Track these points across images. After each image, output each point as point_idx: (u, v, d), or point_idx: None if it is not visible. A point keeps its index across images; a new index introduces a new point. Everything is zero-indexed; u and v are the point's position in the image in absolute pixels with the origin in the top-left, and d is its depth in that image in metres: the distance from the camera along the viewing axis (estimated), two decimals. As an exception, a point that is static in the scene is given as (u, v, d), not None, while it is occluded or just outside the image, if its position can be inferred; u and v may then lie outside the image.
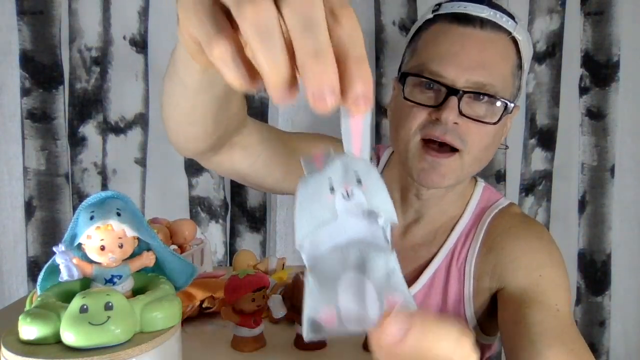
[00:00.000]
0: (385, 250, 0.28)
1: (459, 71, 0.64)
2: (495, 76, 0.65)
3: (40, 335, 0.36)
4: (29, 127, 1.09)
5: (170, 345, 0.39)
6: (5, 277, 1.12)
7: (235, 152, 0.64)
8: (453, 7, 0.68)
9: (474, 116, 0.65)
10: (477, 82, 0.64)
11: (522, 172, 1.14)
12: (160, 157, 1.12)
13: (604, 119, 1.12)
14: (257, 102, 1.12)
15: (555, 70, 1.11)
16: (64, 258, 0.40)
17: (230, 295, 0.50)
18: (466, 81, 0.64)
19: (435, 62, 0.65)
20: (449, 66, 0.64)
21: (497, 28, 0.67)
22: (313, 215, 0.27)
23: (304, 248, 0.28)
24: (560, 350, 0.59)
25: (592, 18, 1.10)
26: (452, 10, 0.68)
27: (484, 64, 0.65)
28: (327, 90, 0.24)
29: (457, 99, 0.63)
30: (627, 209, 1.14)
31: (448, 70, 0.64)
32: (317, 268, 0.28)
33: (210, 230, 1.14)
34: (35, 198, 1.11)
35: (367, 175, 0.28)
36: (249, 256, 0.73)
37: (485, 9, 0.66)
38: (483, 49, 0.65)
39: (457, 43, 0.65)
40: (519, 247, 0.69)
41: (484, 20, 0.66)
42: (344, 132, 0.27)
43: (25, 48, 1.07)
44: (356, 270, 0.27)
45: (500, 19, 0.67)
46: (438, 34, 0.68)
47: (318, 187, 0.27)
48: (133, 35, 1.09)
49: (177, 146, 0.61)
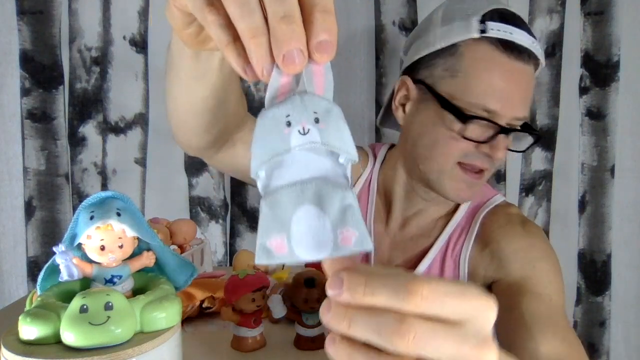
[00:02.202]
0: (344, 187, 0.29)
1: (510, 109, 0.65)
2: (529, 106, 0.68)
3: (40, 335, 0.36)
4: (29, 127, 1.09)
5: (170, 345, 0.39)
6: (5, 277, 1.12)
7: (237, 148, 0.65)
8: (500, 30, 0.66)
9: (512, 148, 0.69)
10: (521, 118, 0.67)
11: (522, 172, 1.14)
12: (160, 157, 1.12)
13: (604, 119, 1.12)
14: (257, 102, 1.12)
15: (555, 70, 1.11)
16: (64, 258, 0.40)
17: (230, 295, 0.50)
18: (512, 118, 0.66)
19: (493, 98, 0.65)
20: (504, 106, 0.65)
21: (535, 59, 0.68)
22: (267, 146, 0.28)
23: (259, 178, 0.29)
24: (552, 337, 0.61)
25: (592, 18, 1.10)
26: (500, 36, 0.66)
27: (525, 97, 0.67)
28: (296, 52, 0.26)
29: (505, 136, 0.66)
30: (627, 209, 1.14)
31: (503, 108, 0.65)
32: (272, 198, 0.29)
33: (210, 230, 1.14)
34: (35, 198, 1.11)
35: (327, 115, 0.29)
36: (249, 256, 0.73)
37: (529, 39, 0.66)
38: (527, 83, 0.67)
39: (512, 81, 0.65)
40: (515, 242, 0.71)
41: (530, 53, 0.66)
42: (306, 75, 0.28)
43: (25, 48, 1.07)
44: (312, 204, 0.28)
45: (536, 48, 0.67)
46: (490, 63, 0.66)
47: (275, 120, 0.28)
48: (133, 35, 1.09)
49: (181, 141, 0.62)
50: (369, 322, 0.27)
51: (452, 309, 0.27)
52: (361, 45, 1.11)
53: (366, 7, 1.10)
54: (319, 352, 0.51)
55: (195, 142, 0.61)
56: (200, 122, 0.55)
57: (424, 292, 0.26)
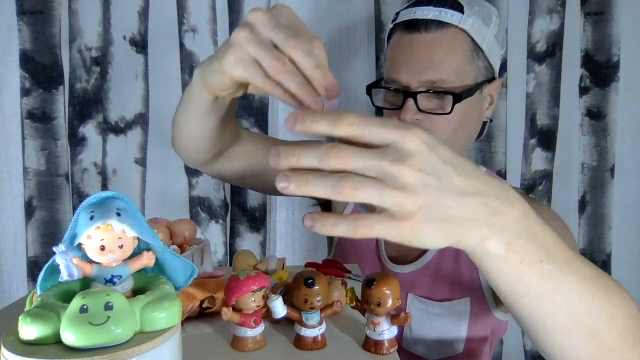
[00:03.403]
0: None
1: (410, 75, 0.72)
2: (444, 71, 0.72)
3: (40, 335, 0.36)
4: (29, 127, 1.09)
5: (170, 345, 0.39)
6: (5, 277, 1.12)
7: (232, 159, 0.75)
8: (406, 14, 0.75)
9: (429, 110, 0.72)
10: (428, 81, 0.72)
11: (522, 172, 1.14)
12: (160, 157, 1.12)
13: (604, 119, 1.12)
14: (257, 102, 1.12)
15: (555, 70, 1.11)
16: (64, 258, 0.40)
17: (230, 295, 0.50)
18: (418, 82, 0.72)
19: (392, 71, 0.75)
20: (401, 72, 0.73)
21: (442, 25, 0.73)
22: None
23: None
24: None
25: (592, 18, 1.10)
26: (404, 19, 0.75)
27: (431, 64, 0.72)
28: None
29: (413, 99, 0.72)
30: (627, 209, 1.14)
31: (401, 76, 0.73)
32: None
33: (210, 230, 1.14)
34: (35, 198, 1.11)
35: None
36: (249, 256, 0.73)
37: (430, 10, 0.73)
38: (428, 50, 0.72)
39: (406, 50, 0.74)
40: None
41: (427, 22, 0.73)
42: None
43: (25, 48, 1.07)
44: None
45: (444, 15, 0.73)
46: (394, 45, 0.77)
47: None
48: (133, 35, 1.09)
49: (185, 157, 0.73)
50: (310, 153, 0.36)
51: (374, 134, 0.36)
52: (361, 45, 1.11)
53: (366, 6, 1.10)
54: (319, 352, 0.51)
55: (201, 158, 0.70)
56: (206, 144, 0.66)
57: (352, 119, 0.36)
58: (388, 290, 0.49)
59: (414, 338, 0.81)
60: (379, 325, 0.50)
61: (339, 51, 1.11)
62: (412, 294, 0.81)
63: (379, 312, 0.50)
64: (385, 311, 0.50)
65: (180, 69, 1.10)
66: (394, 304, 0.49)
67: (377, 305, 0.49)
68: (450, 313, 0.79)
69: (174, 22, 1.09)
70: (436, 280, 0.80)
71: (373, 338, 0.51)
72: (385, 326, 0.50)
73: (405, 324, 0.51)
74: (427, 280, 0.81)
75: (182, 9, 1.08)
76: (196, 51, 1.09)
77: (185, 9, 1.08)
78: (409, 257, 0.83)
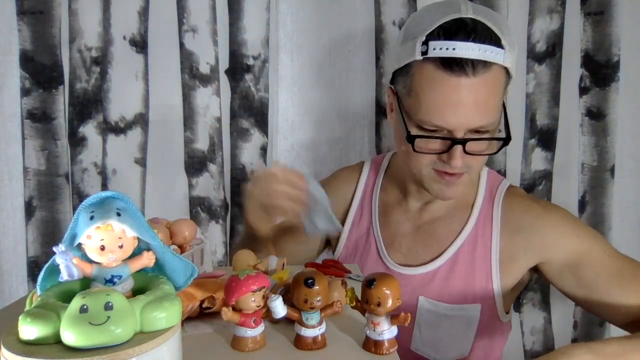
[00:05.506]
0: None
1: (459, 123, 0.69)
2: (490, 113, 0.71)
3: (40, 335, 0.36)
4: (29, 127, 1.09)
5: (170, 345, 0.39)
6: (5, 277, 1.12)
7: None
8: (442, 49, 0.68)
9: (477, 152, 0.72)
10: (476, 127, 0.70)
11: (522, 172, 1.14)
12: (160, 157, 1.12)
13: (604, 119, 1.12)
14: (257, 102, 1.12)
15: (555, 70, 1.11)
16: (64, 258, 0.40)
17: (230, 295, 0.50)
18: (467, 129, 0.70)
19: (436, 115, 0.70)
20: (448, 119, 0.69)
21: (487, 66, 0.68)
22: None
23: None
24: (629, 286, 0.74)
25: (592, 18, 1.10)
26: (441, 55, 0.68)
27: (479, 109, 0.69)
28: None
29: (461, 146, 0.70)
30: (627, 209, 1.14)
31: (449, 123, 0.69)
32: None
33: (210, 230, 1.14)
34: (35, 198, 1.11)
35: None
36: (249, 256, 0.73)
37: (472, 48, 0.67)
38: (476, 94, 0.69)
39: (453, 95, 0.68)
40: (547, 223, 0.79)
41: (474, 63, 0.67)
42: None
43: (25, 48, 1.07)
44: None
45: (489, 55, 0.67)
46: (432, 82, 0.69)
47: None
48: (133, 35, 1.09)
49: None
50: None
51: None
52: (361, 45, 1.11)
53: (366, 6, 1.10)
54: (319, 352, 0.51)
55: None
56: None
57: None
58: (388, 290, 0.49)
59: (423, 340, 0.81)
60: (379, 325, 0.50)
61: (339, 51, 1.11)
62: (423, 296, 0.81)
63: (379, 312, 0.50)
64: (386, 311, 0.50)
65: (180, 69, 1.10)
66: (394, 304, 0.49)
67: (377, 305, 0.49)
68: (460, 316, 0.80)
69: (173, 22, 1.09)
70: (448, 284, 0.80)
71: (373, 338, 0.51)
72: (385, 326, 0.50)
73: (405, 324, 0.51)
74: (438, 284, 0.81)
75: (182, 9, 1.08)
76: (196, 51, 1.09)
77: (185, 9, 1.08)
78: (418, 259, 0.83)
